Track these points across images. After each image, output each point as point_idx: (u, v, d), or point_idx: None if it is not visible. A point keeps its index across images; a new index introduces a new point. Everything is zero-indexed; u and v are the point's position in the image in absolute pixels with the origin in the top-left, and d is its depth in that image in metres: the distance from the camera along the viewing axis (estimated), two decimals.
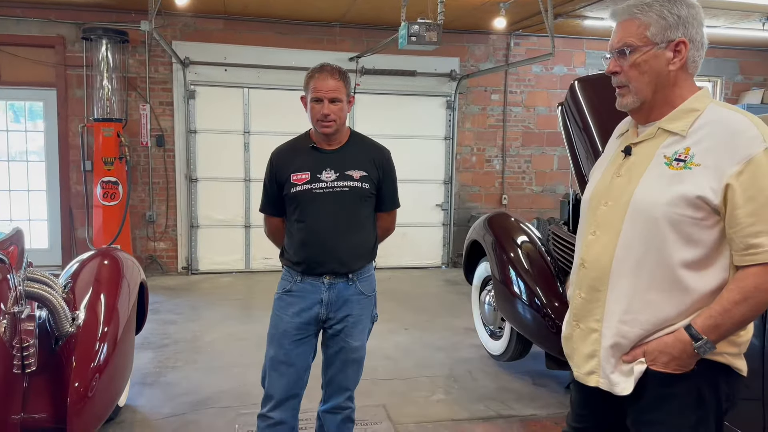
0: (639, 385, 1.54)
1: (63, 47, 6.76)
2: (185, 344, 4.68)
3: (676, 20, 1.50)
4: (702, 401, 1.51)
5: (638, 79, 1.54)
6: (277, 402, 2.39)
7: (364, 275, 2.45)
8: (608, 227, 1.58)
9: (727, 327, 1.44)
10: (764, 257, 1.39)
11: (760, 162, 1.40)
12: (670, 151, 1.51)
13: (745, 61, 8.56)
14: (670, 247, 1.47)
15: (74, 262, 3.30)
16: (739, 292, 1.42)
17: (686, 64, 1.53)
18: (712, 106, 1.53)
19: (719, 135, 1.46)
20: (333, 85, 2.30)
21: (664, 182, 1.48)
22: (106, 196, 6.47)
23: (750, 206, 1.40)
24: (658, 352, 1.50)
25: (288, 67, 7.05)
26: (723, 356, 1.50)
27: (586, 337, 1.63)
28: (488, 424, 3.41)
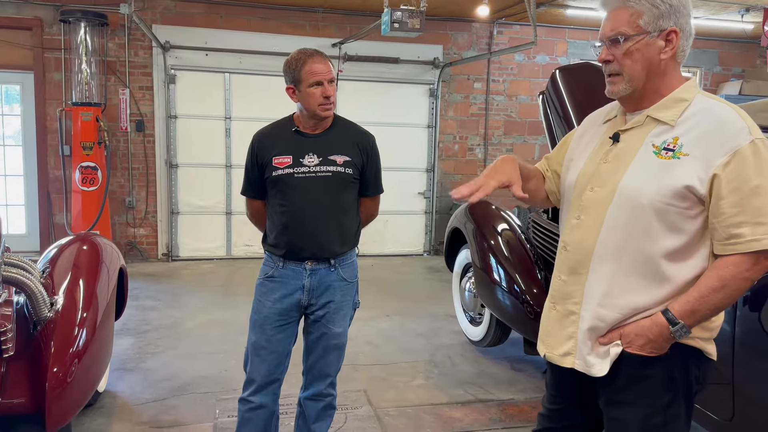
0: (614, 367, 1.57)
1: (41, 29, 6.64)
2: (165, 330, 4.66)
3: (668, 9, 1.51)
4: (673, 383, 1.55)
5: (631, 68, 1.55)
6: (258, 386, 2.40)
7: (346, 261, 2.45)
8: (593, 212, 1.60)
9: (704, 313, 1.48)
10: (745, 247, 1.43)
11: (746, 154, 1.43)
12: (659, 140, 1.53)
13: (724, 52, 8.65)
14: (654, 234, 1.50)
15: (52, 248, 3.27)
16: (718, 280, 1.46)
17: (676, 54, 1.55)
18: (700, 96, 1.56)
19: (708, 126, 1.48)
20: (327, 67, 2.31)
21: (653, 171, 1.51)
22: (85, 181, 6.40)
23: (734, 197, 1.43)
24: (635, 334, 1.54)
25: (270, 52, 7.00)
26: (695, 340, 1.54)
27: (564, 319, 1.66)
28: (466, 408, 3.46)
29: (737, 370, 2.21)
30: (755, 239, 1.42)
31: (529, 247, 3.84)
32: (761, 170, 1.43)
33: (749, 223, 1.43)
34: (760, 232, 1.42)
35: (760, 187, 1.43)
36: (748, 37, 8.04)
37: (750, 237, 1.43)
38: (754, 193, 1.42)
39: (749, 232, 1.42)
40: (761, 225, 1.42)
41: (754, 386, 2.18)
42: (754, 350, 2.20)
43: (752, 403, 2.20)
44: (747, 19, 7.09)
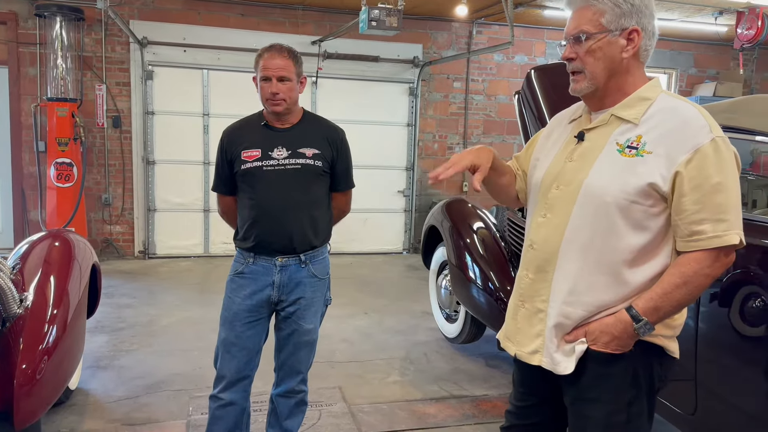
0: (579, 365, 1.59)
1: (15, 24, 6.55)
2: (141, 328, 4.63)
3: (629, 8, 1.54)
4: (637, 381, 1.57)
5: (593, 65, 1.57)
6: (228, 383, 2.40)
7: (317, 258, 2.46)
8: (559, 210, 1.62)
9: (667, 309, 1.50)
10: (707, 243, 1.45)
11: (707, 152, 1.45)
12: (622, 138, 1.55)
13: (699, 54, 8.78)
14: (618, 232, 1.52)
15: (24, 243, 3.23)
16: (680, 276, 1.47)
17: (638, 53, 1.57)
18: (663, 95, 1.58)
19: (670, 124, 1.50)
20: (281, 63, 2.30)
21: (616, 169, 1.52)
22: (60, 177, 6.32)
23: (696, 194, 1.45)
24: (599, 332, 1.55)
25: (249, 49, 6.96)
26: (658, 338, 1.56)
27: (532, 317, 1.67)
28: (440, 404, 3.48)
29: (700, 366, 2.26)
30: (716, 236, 1.44)
31: (503, 245, 3.88)
32: (722, 168, 1.45)
33: (710, 219, 1.44)
34: (721, 229, 1.44)
35: (720, 184, 1.44)
36: (722, 40, 8.17)
37: (711, 233, 1.44)
38: (715, 190, 1.44)
39: (710, 228, 1.44)
40: (722, 222, 1.44)
41: (716, 381, 2.23)
42: (716, 346, 2.25)
43: (714, 397, 2.25)
44: (720, 21, 7.21)
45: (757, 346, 2.11)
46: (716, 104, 2.56)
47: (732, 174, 1.47)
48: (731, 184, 1.46)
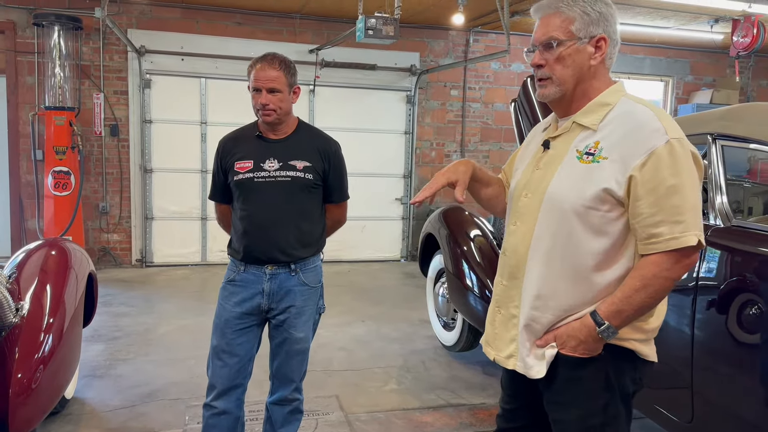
0: (552, 369, 1.61)
1: (13, 33, 6.57)
2: (137, 337, 4.62)
3: (597, 17, 1.56)
4: (610, 385, 1.58)
5: (562, 72, 1.58)
6: (220, 391, 2.40)
7: (308, 266, 2.45)
8: (526, 218, 1.65)
9: (629, 313, 1.50)
10: (664, 246, 1.46)
11: (662, 154, 1.45)
12: (582, 145, 1.57)
13: (696, 61, 8.82)
14: (579, 238, 1.54)
15: (20, 252, 3.23)
16: (640, 280, 1.48)
17: (604, 60, 1.59)
18: (623, 99, 1.58)
19: (625, 128, 1.51)
20: (272, 75, 2.30)
21: (575, 176, 1.55)
22: (58, 186, 6.32)
23: (651, 197, 1.46)
24: (567, 336, 1.57)
25: (246, 57, 6.93)
26: (630, 342, 1.57)
27: (507, 322, 1.70)
28: (438, 412, 3.47)
29: (696, 374, 2.26)
30: (673, 237, 1.45)
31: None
32: (677, 170, 1.45)
33: (667, 222, 1.45)
34: (678, 231, 1.45)
35: (676, 186, 1.45)
36: (718, 47, 8.21)
37: (668, 236, 1.45)
38: (671, 193, 1.45)
39: (667, 230, 1.45)
40: (679, 223, 1.45)
41: (713, 389, 2.22)
42: (712, 354, 2.25)
43: (711, 405, 2.25)
44: (716, 29, 7.24)
45: (754, 353, 2.11)
46: (711, 112, 2.57)
47: (689, 175, 1.47)
48: (687, 185, 1.46)
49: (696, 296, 2.28)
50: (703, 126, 2.54)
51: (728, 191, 2.36)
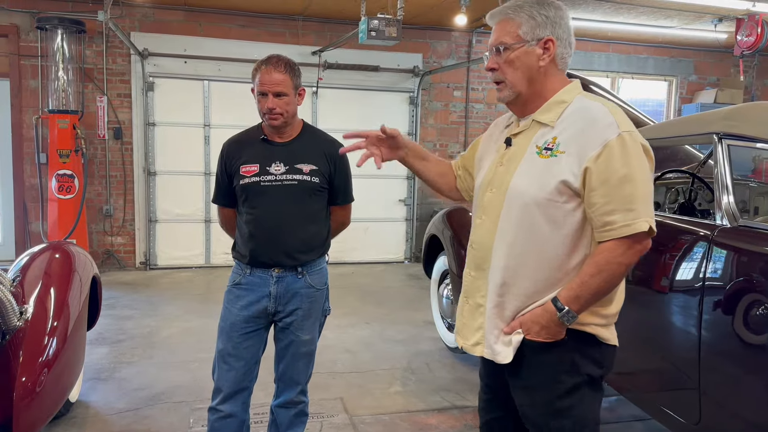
0: (518, 355, 1.68)
1: (17, 36, 6.58)
2: (141, 339, 4.62)
3: (544, 20, 1.65)
4: (574, 368, 1.66)
5: (513, 74, 1.68)
6: (226, 395, 2.39)
7: (314, 268, 2.45)
8: (491, 212, 1.73)
9: (586, 297, 1.58)
10: (617, 233, 1.54)
11: (614, 147, 1.54)
12: (541, 141, 1.66)
13: (699, 61, 8.79)
14: (540, 228, 1.62)
15: (24, 256, 3.23)
16: (595, 266, 1.57)
17: (555, 61, 1.68)
18: (579, 97, 1.67)
19: (580, 124, 1.60)
20: (278, 78, 2.28)
21: (535, 170, 1.63)
22: (62, 189, 6.33)
23: (605, 187, 1.54)
24: (531, 322, 1.65)
25: (249, 60, 6.97)
26: (590, 327, 1.65)
27: (474, 311, 1.78)
28: (442, 414, 3.46)
29: (704, 375, 2.24)
30: (626, 225, 1.53)
31: None
32: (628, 160, 1.54)
33: (620, 210, 1.53)
34: (630, 218, 1.53)
35: (627, 176, 1.53)
36: (722, 47, 8.18)
37: (621, 223, 1.53)
38: (623, 182, 1.53)
39: (620, 218, 1.53)
40: (631, 211, 1.53)
41: (720, 390, 2.21)
42: (719, 355, 2.23)
43: (718, 407, 2.23)
44: (720, 28, 7.22)
45: (761, 354, 2.09)
46: (716, 111, 2.55)
47: (639, 166, 1.56)
48: (638, 176, 1.55)
49: (703, 297, 2.27)
50: (708, 126, 2.52)
51: (735, 191, 2.34)
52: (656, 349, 2.58)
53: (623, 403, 3.58)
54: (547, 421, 1.69)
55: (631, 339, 2.79)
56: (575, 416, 1.67)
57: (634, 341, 2.77)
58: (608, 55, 8.43)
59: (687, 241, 2.44)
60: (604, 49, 8.39)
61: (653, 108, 8.86)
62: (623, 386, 2.90)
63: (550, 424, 1.69)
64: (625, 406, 3.55)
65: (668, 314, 2.52)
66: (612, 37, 8.09)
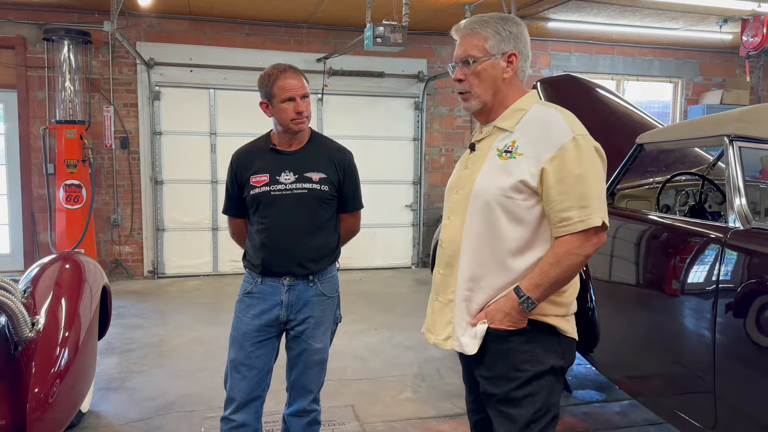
0: (483, 345, 1.77)
1: (24, 48, 6.63)
2: (151, 348, 4.62)
3: (508, 35, 1.78)
4: (535, 357, 1.75)
5: (479, 86, 1.80)
6: (239, 404, 2.38)
7: (325, 276, 2.45)
8: (458, 212, 1.84)
9: (546, 286, 1.69)
10: (573, 227, 1.66)
11: (568, 149, 1.67)
12: (501, 144, 1.78)
13: (705, 62, 8.77)
14: (502, 225, 1.73)
15: (34, 267, 3.24)
16: (554, 257, 1.68)
17: (516, 73, 1.81)
18: (536, 105, 1.80)
19: (537, 129, 1.74)
20: (301, 82, 2.34)
21: (496, 171, 1.75)
22: (69, 199, 6.36)
23: (560, 186, 1.66)
24: (495, 311, 1.75)
25: (255, 68, 7.01)
26: (550, 318, 1.76)
27: (444, 307, 1.88)
28: (454, 421, 3.44)
29: (719, 378, 2.22)
30: (581, 220, 1.65)
31: None
32: (582, 161, 1.66)
33: (575, 207, 1.66)
34: (585, 214, 1.65)
35: (581, 176, 1.66)
36: (728, 48, 8.16)
37: (577, 219, 1.65)
38: (578, 181, 1.65)
39: (576, 215, 1.65)
40: (586, 208, 1.65)
41: (736, 393, 2.19)
42: (734, 358, 2.21)
43: (734, 410, 2.21)
44: (725, 29, 7.20)
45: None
46: (726, 113, 2.54)
47: (592, 166, 1.69)
48: (592, 175, 1.68)
49: (717, 299, 2.25)
50: (719, 128, 2.51)
51: (747, 193, 2.33)
52: (669, 353, 2.56)
53: (636, 408, 3.55)
54: (507, 409, 1.76)
55: (644, 342, 2.78)
56: (534, 405, 1.73)
57: (647, 344, 2.75)
58: (613, 58, 8.42)
59: (699, 244, 2.42)
60: (609, 52, 8.38)
61: (659, 110, 8.84)
62: (636, 390, 2.89)
63: (509, 411, 1.75)
64: (638, 410, 3.53)
65: (681, 317, 2.51)
66: (617, 39, 8.08)
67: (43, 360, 2.53)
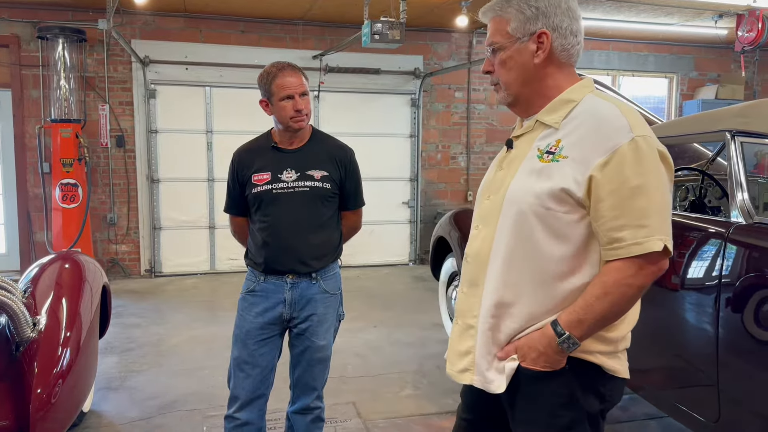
0: (513, 383, 1.49)
1: (18, 47, 6.58)
2: (150, 347, 4.61)
3: (534, 12, 1.47)
4: (575, 402, 1.46)
5: (506, 76, 1.53)
6: (243, 403, 2.38)
7: (328, 273, 2.45)
8: (488, 221, 1.54)
9: (590, 323, 1.39)
10: (626, 251, 1.36)
11: (625, 152, 1.35)
12: (543, 143, 1.48)
13: (700, 57, 8.79)
14: (539, 241, 1.44)
15: (34, 266, 3.22)
16: (601, 287, 1.38)
17: (554, 55, 1.49)
18: (589, 96, 1.49)
19: (587, 126, 1.42)
20: (301, 80, 2.33)
21: (534, 175, 1.46)
22: (65, 198, 6.33)
23: (613, 199, 1.35)
24: (527, 347, 1.46)
25: (250, 65, 6.99)
26: (594, 355, 1.46)
27: (463, 333, 1.58)
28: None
29: (722, 372, 2.23)
30: (636, 243, 1.35)
31: None
32: (642, 169, 1.35)
33: (630, 226, 1.35)
34: (642, 235, 1.34)
35: (640, 188, 1.35)
36: (723, 43, 8.18)
37: (631, 241, 1.35)
38: (635, 194, 1.35)
39: (630, 235, 1.35)
40: (643, 228, 1.34)
41: (740, 387, 2.20)
42: (738, 352, 2.22)
43: (738, 404, 2.22)
44: (721, 24, 7.22)
45: None
46: (727, 109, 2.55)
47: (655, 175, 1.37)
48: (654, 186, 1.36)
49: (719, 294, 2.26)
50: (720, 123, 2.52)
51: (749, 188, 2.34)
52: (671, 347, 2.57)
53: (636, 402, 3.57)
54: None
55: (646, 337, 2.79)
56: None
57: (649, 339, 2.76)
58: (608, 53, 8.43)
59: (701, 239, 2.43)
60: (604, 47, 8.40)
61: (654, 105, 8.87)
62: (637, 384, 2.89)
63: None
64: (638, 404, 3.54)
65: (683, 312, 2.52)
66: (612, 35, 8.09)
67: (45, 360, 2.52)
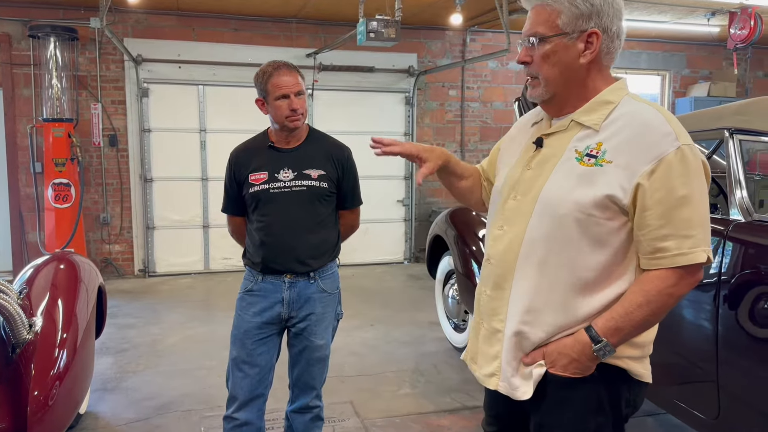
0: (540, 389, 1.48)
1: (8, 45, 6.52)
2: (146, 348, 4.59)
3: (588, 9, 1.39)
4: (601, 407, 1.46)
5: (548, 72, 1.45)
6: (242, 403, 2.37)
7: (326, 273, 2.44)
8: (515, 222, 1.50)
9: (628, 330, 1.38)
10: (670, 261, 1.35)
11: (672, 162, 1.33)
12: (582, 145, 1.43)
13: (692, 55, 8.83)
14: (576, 247, 1.40)
15: (29, 267, 3.20)
16: (643, 295, 1.36)
17: (599, 56, 1.43)
18: (627, 98, 1.45)
19: (631, 131, 1.38)
20: (296, 79, 2.32)
21: (574, 179, 1.41)
22: (58, 198, 6.28)
23: (659, 208, 1.34)
24: (558, 353, 1.44)
25: (244, 63, 6.96)
26: (623, 360, 1.45)
27: (491, 337, 1.56)
28: (454, 415, 3.45)
29: (722, 369, 2.24)
30: (681, 253, 1.34)
31: None
32: (688, 179, 1.33)
33: (675, 236, 1.33)
34: (687, 246, 1.34)
35: (686, 198, 1.33)
36: (715, 40, 8.22)
37: (675, 251, 1.34)
38: (681, 204, 1.33)
39: (675, 245, 1.34)
40: (688, 238, 1.33)
41: (739, 384, 2.21)
42: (738, 349, 2.23)
43: (737, 401, 2.23)
44: (713, 22, 7.25)
45: None
46: (725, 106, 2.56)
47: (699, 186, 1.36)
48: (698, 197, 1.35)
49: (719, 291, 2.27)
50: (718, 121, 2.53)
51: (747, 186, 2.35)
52: (671, 344, 2.58)
53: None
54: None
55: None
56: None
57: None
58: None
59: None
60: None
61: None
62: None
63: None
64: None
65: (682, 309, 2.52)
66: None
67: (42, 362, 2.49)
